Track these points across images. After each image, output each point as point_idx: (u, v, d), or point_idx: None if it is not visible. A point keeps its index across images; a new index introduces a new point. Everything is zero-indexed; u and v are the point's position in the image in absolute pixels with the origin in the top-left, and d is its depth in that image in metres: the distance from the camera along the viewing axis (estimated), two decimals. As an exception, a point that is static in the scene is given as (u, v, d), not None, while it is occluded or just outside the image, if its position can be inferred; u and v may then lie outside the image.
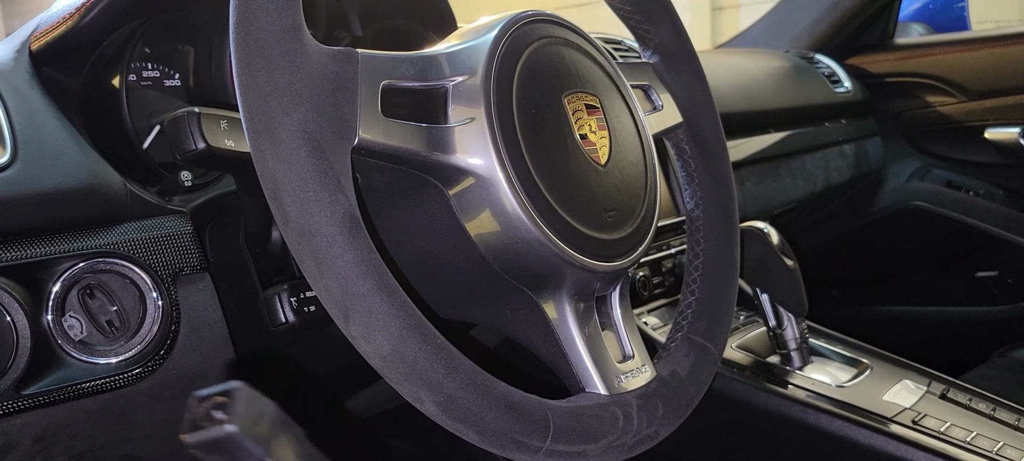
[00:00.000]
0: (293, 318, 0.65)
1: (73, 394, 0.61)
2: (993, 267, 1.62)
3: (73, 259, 0.61)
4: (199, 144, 0.59)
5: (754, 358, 0.96)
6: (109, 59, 0.71)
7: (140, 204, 0.65)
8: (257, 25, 0.47)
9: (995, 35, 1.66)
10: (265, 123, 0.47)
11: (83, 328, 0.62)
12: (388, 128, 0.51)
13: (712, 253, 0.73)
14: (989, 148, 1.56)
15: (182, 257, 0.66)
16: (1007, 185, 1.58)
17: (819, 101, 1.54)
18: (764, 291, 0.96)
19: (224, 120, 0.60)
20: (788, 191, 1.43)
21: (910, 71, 1.66)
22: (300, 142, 0.47)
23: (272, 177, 0.47)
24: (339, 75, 0.49)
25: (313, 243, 0.47)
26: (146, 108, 0.72)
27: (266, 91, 0.47)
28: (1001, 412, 0.90)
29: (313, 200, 0.47)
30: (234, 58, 0.47)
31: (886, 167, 1.66)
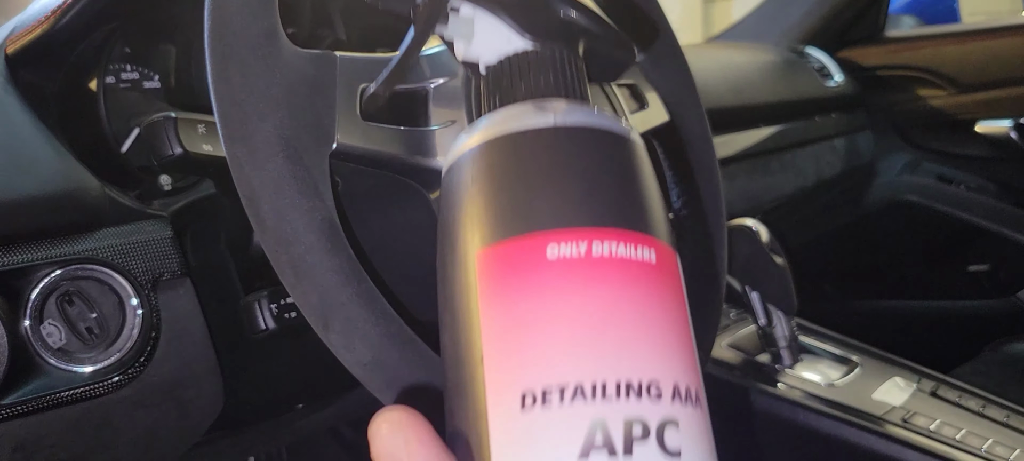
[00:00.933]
0: (273, 325, 0.64)
1: (53, 403, 0.60)
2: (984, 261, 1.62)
3: (51, 266, 0.60)
4: (176, 149, 0.58)
5: (744, 357, 0.96)
6: (86, 61, 0.70)
7: (119, 209, 0.64)
8: (232, 30, 0.47)
9: (986, 28, 1.66)
10: (240, 129, 0.46)
11: (62, 336, 0.62)
12: (367, 132, 0.50)
13: (699, 253, 0.72)
14: (980, 141, 1.56)
15: (162, 262, 0.65)
16: (998, 178, 1.58)
17: (809, 95, 1.54)
18: (754, 289, 0.95)
19: (202, 124, 0.59)
20: (779, 186, 1.43)
21: (901, 64, 1.65)
22: (276, 148, 0.46)
23: (248, 184, 0.46)
24: (317, 79, 0.49)
25: (291, 251, 0.47)
26: (125, 111, 0.71)
27: (241, 97, 0.46)
28: (991, 409, 0.90)
29: (290, 207, 0.46)
30: (209, 63, 0.46)
31: (877, 161, 1.65)
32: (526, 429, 0.24)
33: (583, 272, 0.26)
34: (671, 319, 0.27)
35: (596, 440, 0.24)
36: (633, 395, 0.25)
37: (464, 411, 0.26)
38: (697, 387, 0.27)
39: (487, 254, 0.27)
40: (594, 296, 0.26)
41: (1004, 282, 1.56)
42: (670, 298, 0.27)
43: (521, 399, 0.25)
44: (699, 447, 0.26)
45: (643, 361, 0.25)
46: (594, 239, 0.26)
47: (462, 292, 0.27)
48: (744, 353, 0.97)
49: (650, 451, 0.24)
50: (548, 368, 0.25)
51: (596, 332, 0.25)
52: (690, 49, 1.55)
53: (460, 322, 0.27)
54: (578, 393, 0.24)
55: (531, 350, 0.25)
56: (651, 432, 0.24)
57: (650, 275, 0.27)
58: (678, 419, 0.25)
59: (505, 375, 0.25)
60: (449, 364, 0.28)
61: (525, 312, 0.26)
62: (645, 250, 0.27)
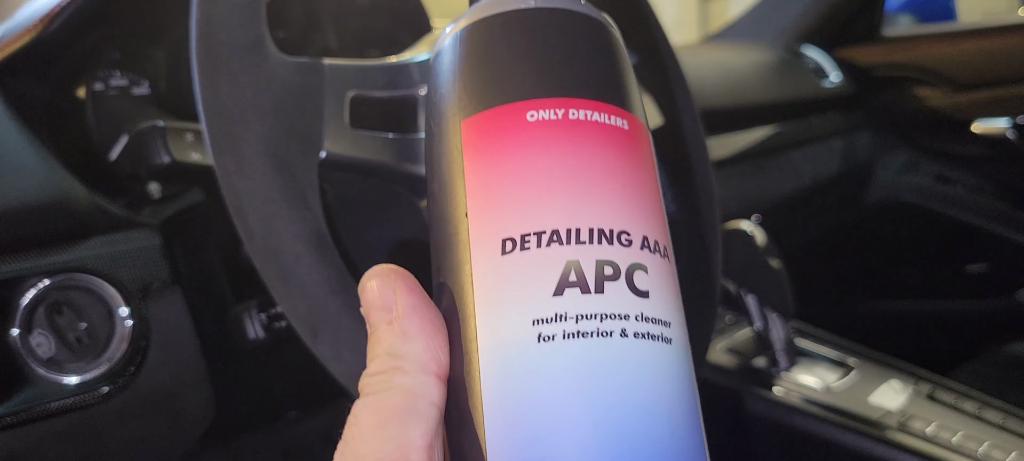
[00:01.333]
0: (263, 334, 0.64)
1: (42, 414, 0.60)
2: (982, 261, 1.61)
3: (39, 276, 0.60)
4: (164, 158, 0.57)
5: (740, 360, 0.96)
6: (75, 68, 0.69)
7: (107, 218, 0.64)
8: (219, 39, 0.46)
9: (983, 27, 1.66)
10: (227, 139, 0.45)
11: (51, 346, 0.61)
12: (356, 140, 0.50)
13: (694, 256, 0.72)
14: (978, 141, 1.55)
15: (151, 271, 0.64)
16: (996, 178, 1.57)
17: (806, 95, 1.53)
18: (750, 292, 0.95)
19: (190, 133, 0.59)
20: (775, 187, 1.43)
21: (898, 63, 1.65)
22: (264, 158, 0.46)
23: (236, 194, 0.46)
24: (304, 87, 0.48)
25: (279, 262, 0.46)
26: (113, 118, 0.70)
27: (228, 106, 0.46)
28: (987, 412, 0.90)
29: (278, 217, 0.46)
30: (195, 73, 0.46)
31: (874, 161, 1.65)
32: (506, 271, 0.26)
33: (560, 132, 0.28)
34: (641, 180, 0.29)
35: (570, 278, 0.26)
36: (605, 241, 0.27)
37: (449, 263, 0.28)
38: (665, 243, 0.29)
39: (471, 122, 0.29)
40: (570, 152, 0.28)
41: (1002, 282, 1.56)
42: (641, 163, 0.29)
43: (502, 245, 0.27)
44: (666, 292, 0.28)
45: (614, 211, 0.27)
46: (570, 107, 0.28)
47: (448, 158, 0.29)
48: (740, 357, 0.96)
49: (619, 290, 0.26)
50: (526, 216, 0.27)
51: (571, 184, 0.27)
52: (686, 49, 1.55)
53: (447, 185, 0.29)
54: (554, 238, 0.26)
55: (511, 202, 0.27)
56: (621, 273, 0.26)
57: (622, 139, 0.29)
58: (647, 265, 0.27)
59: (487, 225, 0.27)
60: (435, 227, 0.29)
61: (506, 168, 0.28)
62: (618, 119, 0.29)
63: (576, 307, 0.26)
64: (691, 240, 0.72)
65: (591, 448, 0.24)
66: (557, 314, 0.26)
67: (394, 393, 0.26)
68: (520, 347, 0.26)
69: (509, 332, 0.26)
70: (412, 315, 0.27)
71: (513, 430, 0.25)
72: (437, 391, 0.27)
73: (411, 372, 0.27)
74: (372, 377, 0.27)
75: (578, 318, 0.25)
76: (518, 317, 0.26)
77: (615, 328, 0.26)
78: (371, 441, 0.26)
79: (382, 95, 0.52)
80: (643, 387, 0.26)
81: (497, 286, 0.26)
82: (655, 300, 0.27)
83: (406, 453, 0.25)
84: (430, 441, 0.26)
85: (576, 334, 0.25)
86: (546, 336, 0.25)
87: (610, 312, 0.26)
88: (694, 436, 0.27)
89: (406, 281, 0.28)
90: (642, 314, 0.26)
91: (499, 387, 0.26)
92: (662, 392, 0.26)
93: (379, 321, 0.28)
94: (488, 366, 0.26)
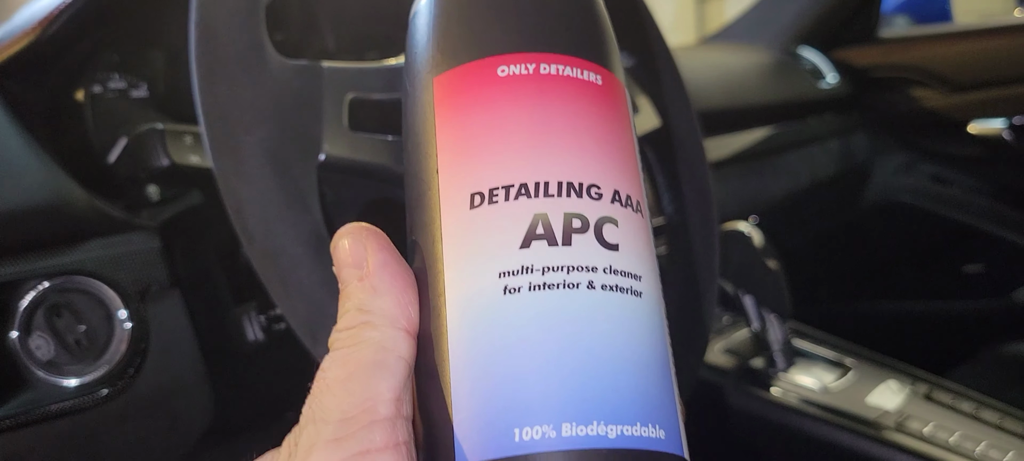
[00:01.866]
0: (262, 336, 0.64)
1: (42, 416, 0.60)
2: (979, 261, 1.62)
3: (38, 278, 0.60)
4: (164, 161, 0.57)
5: (738, 361, 0.96)
6: (73, 71, 0.69)
7: (106, 220, 0.64)
8: (219, 42, 0.46)
9: (979, 28, 1.66)
10: (227, 142, 0.46)
11: (50, 348, 0.61)
12: (355, 142, 0.50)
13: (691, 258, 0.72)
14: (975, 141, 1.56)
15: (150, 273, 0.64)
16: (992, 179, 1.58)
17: (803, 96, 1.54)
18: (747, 293, 0.95)
19: (189, 136, 0.59)
20: (773, 188, 1.43)
21: (894, 64, 1.65)
22: (263, 161, 0.46)
23: (235, 197, 0.46)
24: (303, 90, 0.48)
25: (278, 264, 0.46)
26: (112, 120, 0.70)
27: (227, 109, 0.46)
28: (984, 412, 0.90)
29: (277, 220, 0.46)
30: (195, 76, 0.46)
31: (871, 162, 1.65)
32: (474, 225, 0.26)
33: (531, 86, 0.28)
34: (614, 135, 0.29)
35: (537, 231, 0.26)
36: (574, 194, 0.27)
37: (421, 220, 0.28)
38: (639, 198, 0.29)
39: (443, 79, 0.29)
40: (540, 107, 0.28)
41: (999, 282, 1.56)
42: (614, 118, 0.29)
43: (470, 199, 0.27)
44: (637, 246, 0.28)
45: (584, 165, 0.27)
46: (542, 61, 0.28)
47: (421, 116, 0.29)
48: (738, 357, 0.97)
49: (588, 243, 0.26)
50: (495, 170, 0.27)
51: (540, 138, 0.27)
52: (683, 51, 1.55)
53: (419, 143, 0.29)
54: (522, 191, 0.26)
55: (480, 156, 0.27)
56: (590, 226, 0.26)
57: (595, 94, 0.29)
58: (617, 218, 0.27)
59: (456, 180, 0.27)
60: (408, 186, 0.29)
61: (476, 123, 0.28)
62: (591, 74, 0.29)
63: (542, 259, 0.26)
64: (689, 241, 0.72)
65: (554, 400, 0.24)
66: (523, 266, 0.26)
67: (363, 347, 0.26)
68: (486, 300, 0.26)
69: (476, 285, 0.26)
70: (382, 271, 0.27)
71: (477, 382, 0.25)
72: (406, 346, 0.27)
73: (380, 327, 0.27)
74: (341, 332, 0.27)
75: (544, 270, 0.26)
76: (485, 270, 0.26)
77: (582, 280, 0.26)
78: (338, 393, 0.26)
79: (381, 97, 0.52)
80: (610, 339, 0.25)
81: (465, 240, 0.26)
82: (625, 253, 0.27)
83: (373, 405, 0.25)
84: (398, 394, 0.26)
85: (542, 286, 0.25)
86: (512, 288, 0.25)
87: (577, 264, 0.26)
88: (663, 390, 0.26)
89: (377, 239, 0.28)
90: (611, 267, 0.26)
91: (465, 340, 0.26)
92: (630, 345, 0.26)
93: (350, 278, 0.28)
94: (455, 319, 0.26)
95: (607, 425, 0.24)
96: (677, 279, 0.71)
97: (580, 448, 0.24)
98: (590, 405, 0.24)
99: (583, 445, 0.24)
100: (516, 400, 0.24)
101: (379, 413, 0.25)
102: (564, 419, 0.24)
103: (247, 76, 0.46)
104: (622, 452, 0.24)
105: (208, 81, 0.45)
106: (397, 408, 0.26)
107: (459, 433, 0.25)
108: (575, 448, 0.24)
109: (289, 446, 0.26)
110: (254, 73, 0.46)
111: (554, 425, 0.24)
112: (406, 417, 0.26)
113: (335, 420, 0.25)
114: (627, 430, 0.25)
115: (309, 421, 0.26)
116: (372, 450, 0.25)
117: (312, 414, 0.26)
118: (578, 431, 0.24)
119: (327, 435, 0.25)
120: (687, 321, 0.70)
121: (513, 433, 0.24)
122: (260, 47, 0.47)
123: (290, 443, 0.26)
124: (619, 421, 0.25)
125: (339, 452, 0.25)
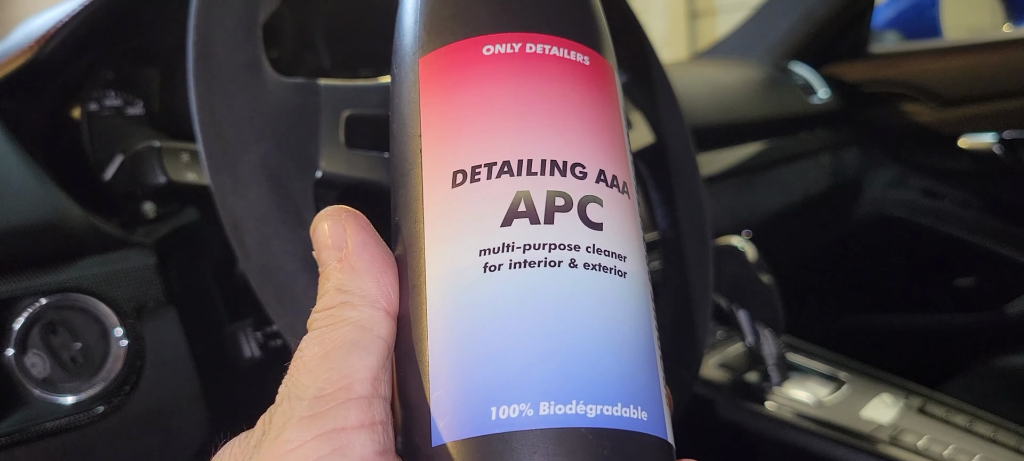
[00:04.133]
0: (259, 353, 0.64)
1: (37, 434, 0.60)
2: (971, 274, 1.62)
3: (34, 296, 0.60)
4: (161, 179, 0.58)
5: (732, 376, 0.96)
6: (70, 89, 0.70)
7: (102, 238, 0.64)
8: (216, 60, 0.47)
9: (969, 44, 1.67)
10: (224, 159, 0.46)
11: (46, 366, 0.61)
12: (351, 159, 0.50)
13: (685, 273, 0.72)
14: (965, 156, 1.56)
15: (146, 290, 0.65)
16: (983, 192, 1.59)
17: (795, 111, 1.54)
18: (741, 307, 0.95)
19: (186, 153, 0.59)
20: (765, 203, 1.43)
21: (885, 79, 1.66)
22: (260, 178, 0.46)
23: (232, 214, 0.46)
24: (300, 108, 0.49)
25: (275, 280, 0.47)
26: (108, 138, 0.71)
27: (225, 127, 0.46)
28: (978, 425, 0.90)
29: (275, 236, 0.46)
30: (192, 93, 0.46)
31: (863, 176, 1.66)
32: (455, 203, 0.26)
33: (516, 65, 0.28)
34: (601, 115, 0.29)
35: (519, 209, 0.26)
36: (557, 172, 0.26)
37: (404, 200, 0.28)
38: (625, 179, 0.29)
39: (429, 59, 0.28)
40: (525, 85, 0.27)
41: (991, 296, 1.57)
42: (601, 98, 0.29)
43: (452, 177, 0.26)
44: (622, 226, 0.27)
45: (569, 144, 0.27)
46: (528, 41, 0.28)
47: (407, 96, 0.29)
48: (732, 372, 0.97)
49: (570, 221, 0.26)
50: (478, 148, 0.26)
51: (524, 116, 0.27)
52: (675, 67, 1.56)
53: (405, 124, 0.28)
54: (504, 169, 0.26)
55: (463, 134, 0.27)
56: (573, 205, 0.26)
57: (582, 74, 0.29)
58: (602, 198, 0.27)
59: (439, 159, 0.27)
60: (393, 168, 0.29)
61: (460, 102, 0.27)
62: (578, 54, 0.29)
63: (524, 237, 0.25)
64: (683, 256, 0.73)
65: (532, 378, 0.24)
66: (504, 244, 0.25)
67: (341, 327, 0.26)
68: (466, 278, 0.25)
69: (456, 263, 0.25)
70: (362, 252, 0.27)
71: (455, 360, 0.25)
72: (385, 326, 0.27)
73: (360, 306, 0.26)
74: (320, 313, 0.27)
75: (526, 248, 0.25)
76: (465, 248, 0.25)
77: (564, 258, 0.25)
78: (315, 370, 0.25)
79: (377, 113, 0.52)
80: (592, 318, 0.25)
81: (446, 218, 0.26)
82: (609, 233, 0.26)
83: (349, 383, 0.25)
84: (376, 374, 0.26)
85: (523, 264, 0.25)
86: (492, 266, 0.25)
87: (559, 242, 0.25)
88: (647, 372, 0.26)
89: (357, 220, 0.28)
90: (594, 246, 0.26)
91: (444, 318, 0.25)
92: (613, 325, 0.26)
93: (329, 259, 0.28)
94: (434, 298, 0.26)
95: (586, 404, 0.24)
96: (671, 294, 0.72)
97: (558, 427, 0.24)
98: (569, 384, 0.24)
99: (561, 424, 0.24)
100: (493, 378, 0.24)
101: (355, 391, 0.25)
102: (542, 397, 0.24)
103: (244, 94, 0.46)
104: (601, 432, 0.24)
105: (206, 98, 0.46)
106: (374, 388, 0.25)
107: (435, 412, 0.25)
108: (553, 427, 0.23)
109: (263, 424, 0.26)
110: (251, 91, 0.46)
111: (532, 403, 0.24)
112: (384, 397, 0.26)
113: (310, 396, 0.25)
114: (607, 410, 0.24)
115: (284, 398, 0.25)
116: (347, 428, 0.24)
117: (287, 391, 0.26)
118: (556, 410, 0.24)
119: (301, 411, 0.25)
120: (681, 336, 0.70)
121: (490, 411, 0.24)
122: (257, 65, 0.47)
123: (264, 421, 0.26)
124: (599, 401, 0.24)
125: (313, 428, 0.24)
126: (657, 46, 0.75)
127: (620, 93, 0.31)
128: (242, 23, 0.48)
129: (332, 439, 0.24)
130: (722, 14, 3.88)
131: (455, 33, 0.28)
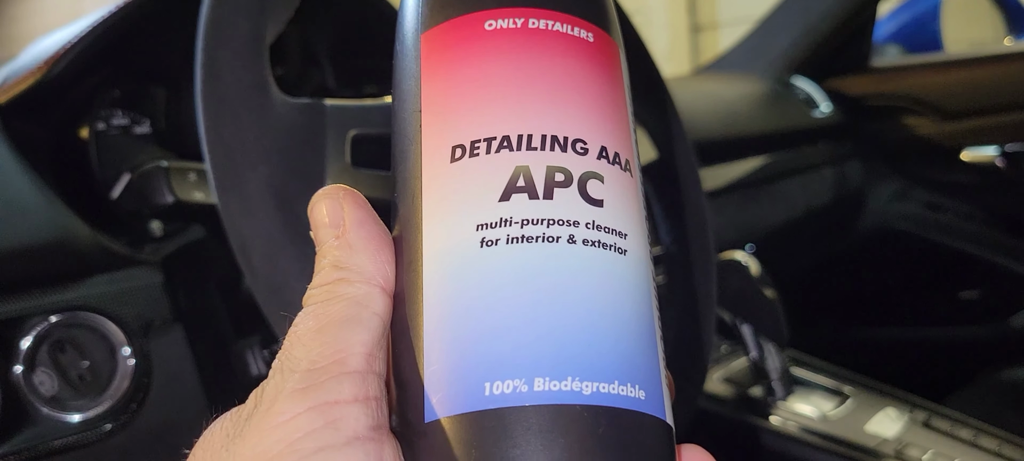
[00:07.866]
0: (266, 370, 0.64)
1: (45, 452, 0.60)
2: (975, 287, 1.62)
3: (42, 315, 0.60)
4: (167, 197, 0.58)
5: (736, 390, 0.96)
6: (77, 109, 0.70)
7: (110, 256, 0.64)
8: (224, 81, 0.47)
9: (970, 57, 1.68)
10: (232, 179, 0.46)
11: (54, 384, 0.61)
12: (358, 178, 0.51)
13: (689, 288, 0.73)
14: (968, 169, 1.57)
15: (153, 308, 0.65)
16: (986, 205, 1.59)
17: (797, 125, 1.55)
18: (745, 322, 0.96)
19: (193, 173, 0.59)
20: (769, 217, 1.44)
21: (887, 93, 1.67)
22: (267, 197, 0.47)
23: (239, 233, 0.47)
24: (307, 128, 0.49)
25: (282, 298, 0.47)
26: (116, 156, 0.71)
27: (233, 147, 0.46)
28: (983, 438, 0.90)
29: (281, 255, 0.47)
30: (200, 114, 0.47)
31: (866, 190, 1.66)
32: (454, 178, 0.26)
33: (518, 40, 0.27)
34: (604, 92, 0.28)
35: (518, 183, 0.25)
36: (558, 148, 0.26)
37: (403, 177, 0.27)
38: (628, 156, 0.28)
39: (431, 34, 0.28)
40: (527, 60, 0.27)
41: (995, 308, 1.57)
42: (605, 75, 0.29)
43: (452, 152, 0.26)
44: (623, 203, 0.27)
45: (570, 120, 0.27)
46: (531, 16, 0.28)
47: (408, 72, 0.28)
48: (736, 386, 0.97)
49: (570, 197, 0.25)
50: (478, 123, 0.26)
51: (525, 91, 0.27)
52: (678, 81, 1.56)
53: (406, 100, 0.28)
54: (504, 143, 0.26)
55: (463, 109, 0.27)
56: (573, 181, 0.26)
57: (586, 50, 0.28)
58: (603, 174, 0.26)
59: (438, 134, 0.27)
60: (394, 145, 0.29)
61: (461, 77, 0.27)
62: (582, 31, 0.28)
63: (522, 212, 0.25)
64: (687, 271, 0.73)
65: (527, 353, 0.24)
66: (502, 219, 0.25)
67: (337, 302, 0.26)
68: (463, 253, 0.25)
69: (453, 238, 0.25)
70: (359, 229, 0.27)
71: (450, 336, 0.24)
72: (382, 302, 0.26)
73: (356, 283, 0.26)
74: (316, 289, 0.27)
75: (524, 223, 0.25)
76: (463, 223, 0.25)
77: (563, 234, 0.25)
78: (309, 344, 0.25)
79: (383, 133, 0.53)
80: (590, 295, 0.25)
81: (444, 193, 0.26)
82: (610, 210, 0.26)
83: (343, 357, 0.25)
84: (371, 350, 0.25)
85: (521, 239, 0.25)
86: (490, 241, 0.25)
87: (558, 218, 0.25)
88: (645, 351, 0.26)
89: (354, 198, 0.28)
90: (594, 222, 0.26)
91: (439, 293, 0.25)
92: (611, 302, 0.25)
93: (326, 237, 0.28)
94: (430, 272, 0.25)
95: (582, 381, 0.24)
96: (675, 308, 0.72)
97: (553, 403, 0.23)
98: (565, 360, 0.24)
99: (556, 400, 0.23)
100: (488, 354, 0.24)
101: (349, 365, 0.25)
102: (537, 373, 0.23)
103: (251, 114, 0.47)
104: (597, 409, 0.24)
105: (213, 119, 0.46)
106: (369, 363, 0.25)
107: (429, 387, 0.24)
108: (547, 403, 0.23)
109: (255, 397, 0.26)
110: (258, 111, 0.47)
111: (526, 379, 0.23)
112: (379, 374, 0.26)
113: (303, 369, 0.24)
114: (603, 388, 0.24)
115: (276, 371, 0.25)
116: (341, 401, 0.24)
117: (280, 365, 0.25)
118: (551, 386, 0.23)
119: (293, 384, 0.24)
120: (686, 350, 0.70)
121: (483, 387, 0.24)
122: (264, 85, 0.48)
123: (256, 394, 0.26)
124: (595, 378, 0.24)
125: (305, 401, 0.24)
126: (660, 61, 0.76)
127: (626, 71, 0.31)
128: (249, 44, 0.48)
129: (325, 412, 0.24)
130: (724, 28, 3.89)
131: (457, 8, 0.28)
